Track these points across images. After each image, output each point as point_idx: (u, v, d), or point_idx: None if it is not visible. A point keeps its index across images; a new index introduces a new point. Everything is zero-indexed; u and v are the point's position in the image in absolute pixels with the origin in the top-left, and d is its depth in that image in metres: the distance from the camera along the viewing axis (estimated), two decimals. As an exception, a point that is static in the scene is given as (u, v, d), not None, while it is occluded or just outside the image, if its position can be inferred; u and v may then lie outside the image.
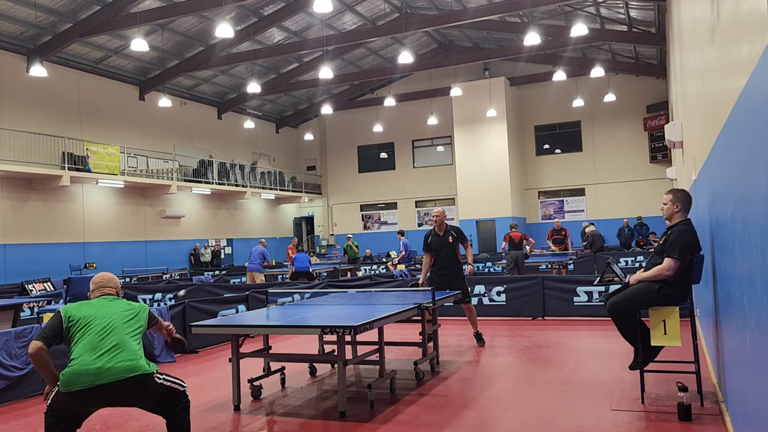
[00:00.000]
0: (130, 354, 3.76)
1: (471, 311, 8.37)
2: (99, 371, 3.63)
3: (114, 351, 3.74)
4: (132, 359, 3.75)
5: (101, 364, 3.65)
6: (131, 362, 3.73)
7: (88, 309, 3.97)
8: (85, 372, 3.64)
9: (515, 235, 15.56)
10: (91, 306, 4.02)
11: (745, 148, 2.87)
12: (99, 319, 3.89)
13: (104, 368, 3.65)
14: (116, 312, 3.98)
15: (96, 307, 4.00)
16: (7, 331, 6.38)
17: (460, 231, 8.33)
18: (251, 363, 6.90)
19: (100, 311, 3.95)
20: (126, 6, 18.37)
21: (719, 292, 4.65)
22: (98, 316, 3.91)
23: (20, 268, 18.58)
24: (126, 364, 3.71)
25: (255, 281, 16.09)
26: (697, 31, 6.02)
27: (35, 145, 19.10)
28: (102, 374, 3.63)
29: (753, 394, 2.97)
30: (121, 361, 3.70)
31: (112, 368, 3.66)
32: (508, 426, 4.95)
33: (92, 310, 3.97)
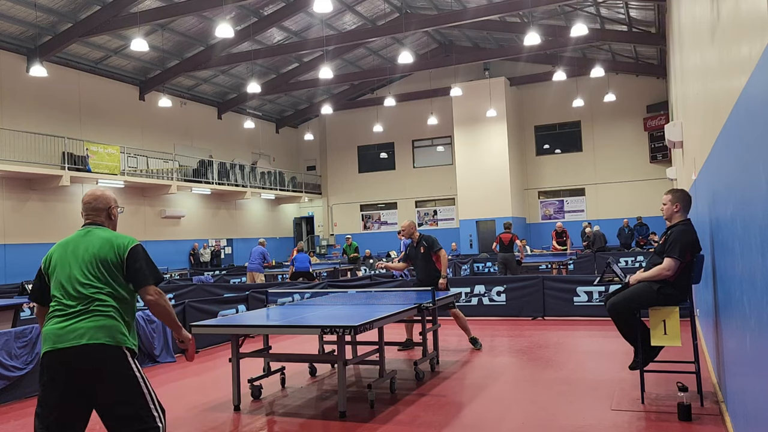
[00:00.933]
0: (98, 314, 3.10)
1: (458, 316, 8.29)
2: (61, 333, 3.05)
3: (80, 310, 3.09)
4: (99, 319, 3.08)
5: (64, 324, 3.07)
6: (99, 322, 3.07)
7: (59, 252, 3.28)
8: (50, 332, 3.08)
9: (505, 236, 15.00)
10: (64, 247, 3.29)
11: (745, 148, 2.87)
12: (64, 266, 3.20)
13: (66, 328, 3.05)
14: (82, 255, 3.21)
15: (67, 248, 3.27)
16: (7, 331, 6.38)
17: (430, 240, 8.33)
18: (251, 363, 6.90)
19: (69, 255, 3.23)
20: (126, 6, 18.36)
21: (719, 292, 4.65)
22: (64, 263, 3.21)
23: (20, 268, 18.57)
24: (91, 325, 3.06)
25: (255, 281, 16.10)
26: (697, 31, 6.02)
27: (35, 145, 19.10)
28: (63, 336, 3.04)
29: (753, 394, 2.97)
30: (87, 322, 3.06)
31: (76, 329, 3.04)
32: (508, 426, 4.95)
33: (63, 253, 3.25)
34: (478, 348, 8.22)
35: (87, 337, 3.04)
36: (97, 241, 3.27)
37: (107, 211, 3.42)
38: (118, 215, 3.56)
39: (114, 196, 3.54)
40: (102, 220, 3.41)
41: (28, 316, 11.13)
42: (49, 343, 3.08)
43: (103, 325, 3.09)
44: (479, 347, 8.25)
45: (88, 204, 3.40)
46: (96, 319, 3.09)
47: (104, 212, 3.41)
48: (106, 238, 3.29)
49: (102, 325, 3.09)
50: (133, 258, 3.26)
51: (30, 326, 6.62)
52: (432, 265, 8.23)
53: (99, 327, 3.08)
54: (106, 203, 3.42)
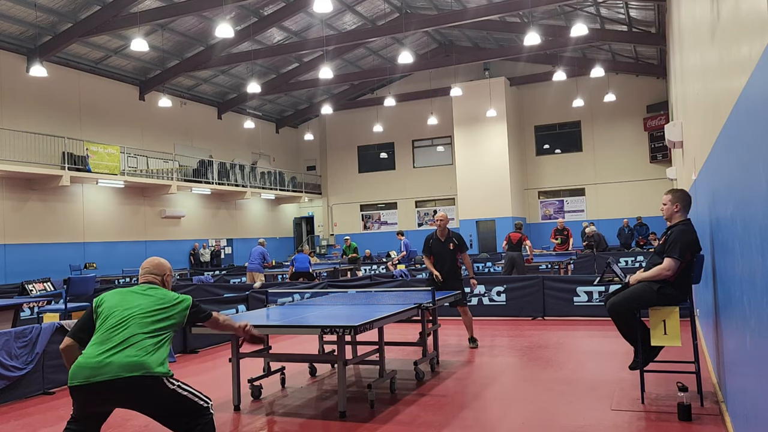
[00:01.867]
0: (137, 350, 3.29)
1: (466, 314, 8.39)
2: (97, 366, 3.22)
3: (121, 346, 3.30)
4: (137, 356, 3.27)
5: (101, 358, 3.24)
6: (135, 359, 3.26)
7: (118, 298, 3.58)
8: (84, 365, 3.25)
9: (514, 235, 15.10)
10: (123, 294, 3.62)
11: (745, 148, 2.87)
12: (120, 309, 3.48)
13: (103, 363, 3.23)
14: (142, 303, 3.53)
15: (126, 295, 3.61)
16: (7, 331, 6.38)
17: (461, 239, 8.39)
18: (251, 363, 6.90)
19: (127, 301, 3.55)
20: (126, 6, 18.37)
21: (719, 292, 4.65)
22: (121, 306, 3.50)
23: (20, 268, 18.58)
24: (127, 361, 3.24)
25: (255, 281, 16.09)
26: (697, 31, 6.02)
27: (35, 145, 19.10)
28: (100, 369, 3.21)
29: (753, 394, 2.97)
30: (124, 357, 3.25)
31: (112, 363, 3.22)
32: (508, 426, 4.95)
33: (121, 299, 3.57)
34: (474, 347, 8.28)
35: (125, 371, 3.25)
36: (160, 293, 3.70)
37: (162, 277, 3.87)
38: (171, 283, 3.96)
39: (170, 266, 3.98)
40: (158, 283, 3.83)
41: (28, 316, 11.14)
42: (79, 377, 3.27)
43: (140, 362, 3.30)
44: (475, 346, 8.30)
45: (148, 269, 3.86)
46: (134, 354, 3.31)
47: (160, 277, 3.86)
48: (170, 294, 3.75)
49: (140, 362, 3.30)
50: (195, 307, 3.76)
51: (30, 326, 6.62)
52: (455, 263, 8.24)
53: (137, 363, 3.28)
54: (163, 271, 3.89)
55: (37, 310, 10.90)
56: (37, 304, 10.55)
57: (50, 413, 5.88)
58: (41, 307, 10.28)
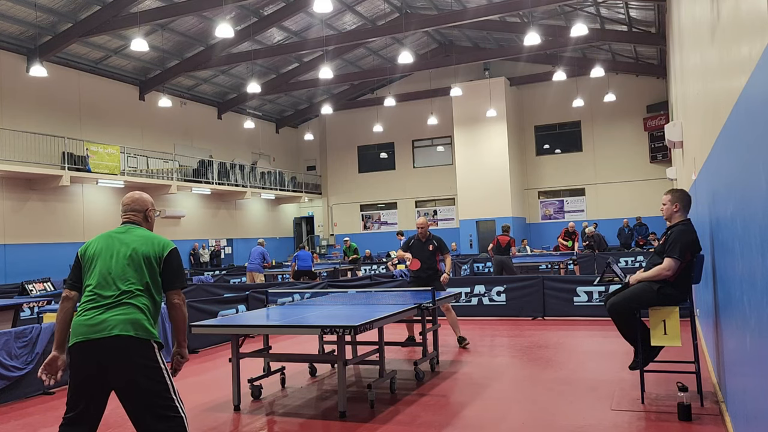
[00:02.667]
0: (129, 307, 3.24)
1: (450, 311, 8.40)
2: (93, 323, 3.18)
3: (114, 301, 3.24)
4: (130, 312, 3.22)
5: (95, 314, 3.21)
6: (129, 316, 3.21)
7: (98, 245, 3.46)
8: (81, 323, 3.21)
9: (503, 239, 15.07)
10: (103, 240, 3.48)
11: (745, 148, 2.87)
12: (102, 259, 3.38)
13: (98, 320, 3.18)
14: (123, 249, 3.39)
15: (107, 241, 3.46)
16: (7, 331, 6.38)
17: (441, 241, 8.49)
18: (251, 363, 6.91)
19: (107, 249, 3.41)
20: (126, 6, 18.36)
21: (719, 292, 4.65)
22: (104, 254, 3.39)
23: (20, 268, 18.57)
24: (122, 317, 3.19)
25: (255, 281, 16.10)
26: (697, 31, 6.02)
27: (35, 145, 19.10)
28: (96, 326, 3.17)
29: (753, 394, 2.97)
30: (118, 314, 3.20)
31: (107, 320, 3.18)
32: (508, 426, 4.95)
33: (101, 246, 3.44)
34: (465, 346, 8.29)
35: (118, 328, 3.18)
36: (137, 238, 3.47)
37: (144, 213, 3.64)
38: (155, 218, 3.76)
39: (152, 200, 3.75)
40: (139, 220, 3.62)
41: (28, 316, 11.14)
42: (79, 335, 3.21)
43: (134, 319, 3.23)
44: (465, 345, 8.31)
45: (128, 205, 3.63)
46: (127, 312, 3.23)
47: (142, 213, 3.63)
48: (146, 236, 3.50)
49: (133, 319, 3.22)
50: (170, 259, 3.45)
51: (30, 326, 6.62)
52: (434, 264, 8.31)
53: (130, 320, 3.21)
54: (144, 205, 3.64)
55: (37, 310, 10.90)
56: (37, 304, 10.56)
57: (50, 413, 5.88)
58: (41, 307, 10.28)
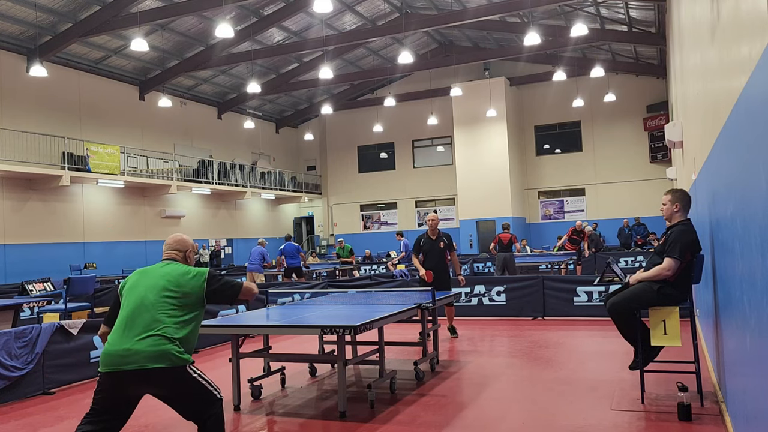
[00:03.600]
0: (160, 338, 3.30)
1: (450, 311, 8.79)
2: (124, 354, 3.27)
3: (145, 332, 3.30)
4: (160, 344, 3.29)
5: (127, 346, 3.28)
6: (159, 348, 3.28)
7: (137, 277, 3.58)
8: (112, 353, 3.29)
9: (504, 236, 15.30)
10: (141, 274, 3.61)
11: (745, 148, 2.87)
12: (139, 289, 3.47)
13: (129, 351, 3.26)
14: (158, 281, 3.48)
15: (144, 275, 3.58)
16: (7, 331, 6.38)
17: (450, 238, 8.65)
18: (251, 363, 6.91)
19: (145, 280, 3.52)
20: (126, 6, 18.36)
21: (719, 292, 4.65)
22: (140, 286, 3.48)
23: (20, 268, 18.57)
24: (152, 350, 3.26)
25: (255, 281, 16.09)
26: (697, 31, 6.02)
27: (35, 145, 19.09)
28: (126, 358, 3.26)
29: (753, 394, 2.97)
30: (148, 346, 3.27)
31: (137, 352, 3.26)
32: (508, 426, 4.95)
33: (139, 278, 3.56)
34: (454, 336, 8.49)
35: (151, 362, 3.27)
36: (175, 269, 3.62)
37: (185, 253, 3.84)
38: (194, 259, 3.90)
39: (194, 243, 3.95)
40: (179, 259, 3.80)
41: (28, 316, 11.14)
42: (110, 365, 3.31)
43: (164, 351, 3.31)
44: (455, 336, 8.60)
45: (170, 245, 3.85)
46: (158, 343, 3.31)
47: (182, 253, 3.83)
48: (183, 268, 3.66)
49: (164, 351, 3.31)
50: (211, 281, 3.61)
51: (30, 326, 6.62)
52: (444, 261, 8.39)
53: (161, 352, 3.30)
54: (185, 247, 3.86)
55: (37, 310, 10.91)
56: (37, 304, 10.56)
57: (50, 413, 5.87)
58: (41, 307, 10.29)
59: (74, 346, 6.96)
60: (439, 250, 8.39)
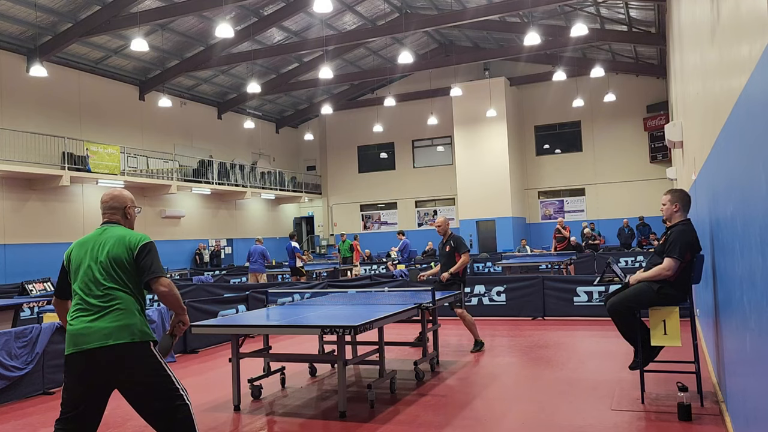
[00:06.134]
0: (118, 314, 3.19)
1: (464, 317, 8.21)
2: (85, 332, 3.15)
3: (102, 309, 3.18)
4: (119, 320, 3.17)
5: (85, 324, 3.16)
6: (118, 323, 3.16)
7: (77, 250, 3.40)
8: (72, 332, 3.18)
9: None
10: (82, 246, 3.40)
11: (745, 148, 2.87)
12: (83, 264, 3.31)
13: (89, 329, 3.15)
14: (99, 254, 3.31)
15: (85, 246, 3.38)
16: (7, 331, 6.38)
17: (458, 240, 8.38)
18: (251, 363, 6.91)
19: (87, 253, 3.34)
20: (126, 6, 18.36)
21: (719, 292, 4.65)
22: (83, 261, 3.32)
23: (20, 268, 18.57)
24: (112, 326, 3.15)
25: (258, 281, 16.08)
26: (697, 31, 6.02)
27: (35, 145, 19.09)
28: (86, 337, 3.14)
29: (753, 394, 2.97)
30: (108, 322, 3.15)
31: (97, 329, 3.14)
32: (508, 426, 4.95)
33: (81, 251, 3.37)
34: (478, 350, 8.17)
35: (113, 337, 3.16)
36: (111, 239, 3.39)
37: (123, 210, 3.57)
38: (135, 215, 3.70)
39: (131, 196, 3.67)
40: (118, 218, 3.55)
41: (28, 316, 11.15)
42: (74, 344, 3.19)
43: (125, 324, 3.20)
44: (478, 350, 8.19)
45: (106, 203, 3.56)
46: (118, 318, 3.20)
47: (120, 211, 3.56)
48: (119, 236, 3.40)
49: (124, 324, 3.20)
50: (141, 252, 3.35)
51: (30, 326, 6.62)
52: (453, 264, 8.26)
53: (122, 326, 3.19)
54: (122, 202, 3.57)
55: (37, 310, 10.91)
56: (37, 304, 10.57)
57: (50, 413, 5.87)
58: (41, 307, 10.30)
59: (74, 346, 6.95)
60: (447, 253, 8.36)
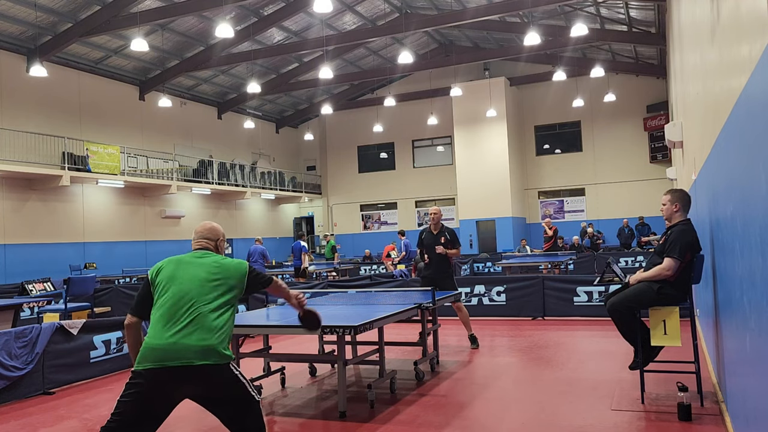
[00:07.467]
0: (207, 332, 3.18)
1: (461, 310, 8.26)
2: (169, 348, 3.11)
3: (191, 326, 3.17)
4: (207, 339, 3.16)
5: (173, 340, 3.13)
6: (206, 343, 3.15)
7: (174, 267, 3.42)
8: (156, 347, 3.13)
9: None
10: (178, 264, 3.44)
11: (745, 148, 2.87)
12: (180, 280, 3.32)
13: (175, 345, 3.11)
14: (200, 273, 3.36)
15: (182, 265, 3.43)
16: (7, 331, 6.38)
17: (453, 234, 8.34)
18: (251, 363, 6.91)
19: (184, 270, 3.38)
20: (126, 6, 18.36)
21: (719, 292, 4.65)
22: (180, 277, 3.34)
23: (20, 268, 18.57)
24: (200, 344, 3.13)
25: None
26: (697, 31, 6.02)
27: (35, 145, 19.09)
28: (172, 353, 3.10)
29: (753, 394, 2.97)
30: (196, 341, 3.13)
31: (184, 346, 3.11)
32: (508, 426, 4.95)
33: (177, 268, 3.40)
34: (475, 347, 8.20)
35: (197, 357, 3.13)
36: (214, 261, 3.49)
37: (216, 242, 3.70)
38: (223, 250, 3.78)
39: (224, 231, 3.80)
40: (212, 248, 3.67)
41: (28, 316, 11.14)
42: (153, 360, 3.12)
43: (210, 346, 3.18)
44: (476, 346, 8.23)
45: (200, 233, 3.69)
46: (204, 338, 3.18)
47: (213, 242, 3.69)
48: (223, 260, 3.54)
49: (209, 346, 3.17)
50: (252, 271, 3.58)
51: (30, 326, 6.62)
52: (446, 258, 8.19)
53: (207, 347, 3.16)
54: (217, 235, 3.72)
55: (37, 310, 10.91)
56: (37, 304, 10.56)
57: (50, 413, 5.87)
58: (41, 307, 10.29)
59: (74, 346, 6.96)
60: (441, 245, 8.27)
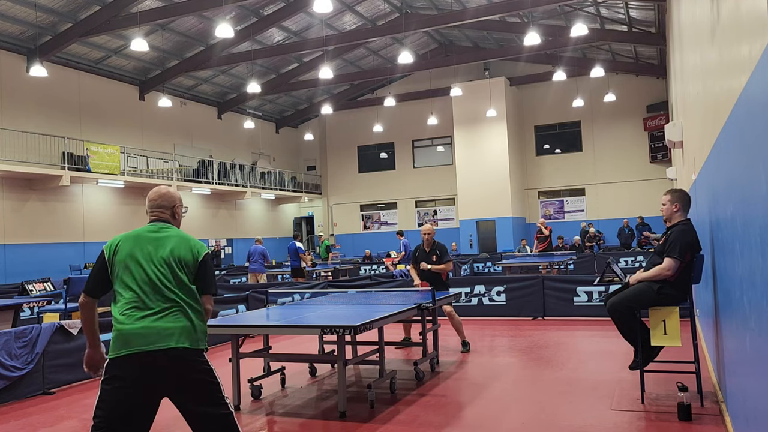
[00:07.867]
0: (182, 314, 3.06)
1: (452, 317, 8.15)
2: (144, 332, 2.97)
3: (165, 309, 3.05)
4: (183, 321, 3.04)
5: (146, 323, 2.99)
6: (182, 324, 3.03)
7: (131, 245, 3.18)
8: (130, 332, 2.98)
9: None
10: (136, 241, 3.21)
11: (745, 148, 2.87)
12: (140, 261, 3.14)
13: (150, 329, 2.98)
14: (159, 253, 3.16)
15: (140, 242, 3.20)
16: (7, 331, 6.38)
17: (443, 249, 8.43)
18: (251, 363, 6.91)
19: (145, 249, 3.17)
20: (126, 6, 18.36)
21: (719, 292, 4.65)
22: (139, 258, 3.15)
23: (20, 268, 18.57)
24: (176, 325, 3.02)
25: (258, 281, 16.08)
26: (697, 31, 6.02)
27: (35, 145, 19.09)
28: (147, 337, 2.97)
29: (753, 394, 2.97)
30: (171, 322, 3.02)
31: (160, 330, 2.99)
32: (508, 426, 4.95)
33: (134, 247, 3.18)
34: (466, 351, 8.14)
35: (174, 339, 2.99)
36: (173, 239, 3.25)
37: (172, 209, 3.40)
38: (183, 215, 3.53)
39: (180, 195, 3.50)
40: (167, 217, 3.38)
41: (28, 316, 11.14)
42: (130, 345, 2.97)
43: (185, 327, 3.05)
44: (467, 350, 8.19)
45: (154, 201, 3.37)
46: (180, 320, 3.05)
47: (169, 210, 3.39)
48: (182, 237, 3.28)
49: (185, 327, 3.05)
50: (205, 262, 3.26)
51: (30, 326, 6.62)
52: (438, 275, 8.25)
53: (183, 329, 3.04)
54: (171, 201, 3.40)
55: (37, 310, 10.91)
56: (37, 304, 10.56)
57: (50, 413, 5.87)
58: (41, 307, 10.29)
59: (74, 346, 6.95)
60: (432, 262, 8.35)
